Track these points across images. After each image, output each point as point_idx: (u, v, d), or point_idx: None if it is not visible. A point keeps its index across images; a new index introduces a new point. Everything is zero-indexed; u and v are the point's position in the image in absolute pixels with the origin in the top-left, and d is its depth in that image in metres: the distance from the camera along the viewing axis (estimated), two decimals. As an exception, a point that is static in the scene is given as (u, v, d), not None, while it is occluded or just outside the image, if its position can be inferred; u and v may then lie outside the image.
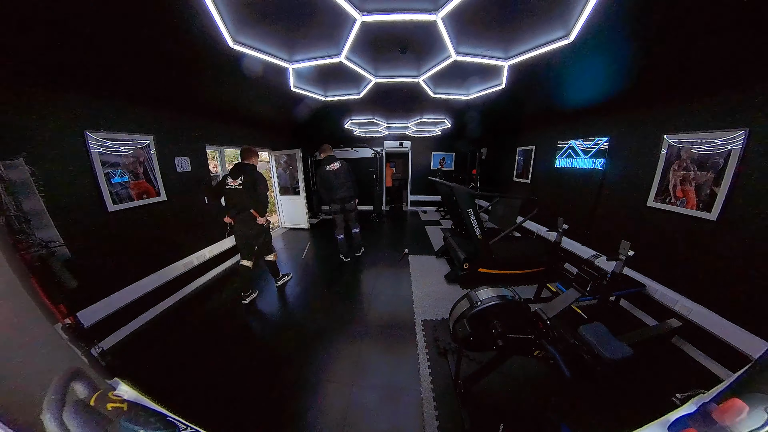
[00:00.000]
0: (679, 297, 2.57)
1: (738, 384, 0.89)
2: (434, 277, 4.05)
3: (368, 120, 5.27)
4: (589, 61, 2.17)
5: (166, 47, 1.83)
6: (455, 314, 1.97)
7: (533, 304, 3.16)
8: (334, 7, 1.51)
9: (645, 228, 2.96)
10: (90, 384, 0.79)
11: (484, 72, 2.55)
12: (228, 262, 4.58)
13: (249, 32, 1.78)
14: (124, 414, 0.80)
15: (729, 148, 2.22)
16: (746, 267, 2.12)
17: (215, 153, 4.91)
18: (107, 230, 2.67)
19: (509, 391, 2.12)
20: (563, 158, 4.40)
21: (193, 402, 2.06)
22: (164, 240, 3.32)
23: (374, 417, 1.95)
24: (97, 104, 2.57)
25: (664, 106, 2.79)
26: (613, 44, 1.84)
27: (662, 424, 0.92)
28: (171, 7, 1.41)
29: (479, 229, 3.58)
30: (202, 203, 3.97)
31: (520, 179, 5.88)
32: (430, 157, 8.68)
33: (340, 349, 2.61)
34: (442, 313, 3.09)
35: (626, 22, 1.56)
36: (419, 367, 2.36)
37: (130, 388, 0.97)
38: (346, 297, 3.56)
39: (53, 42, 1.64)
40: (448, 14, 1.59)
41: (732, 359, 2.15)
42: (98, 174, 2.57)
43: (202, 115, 3.89)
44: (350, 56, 2.20)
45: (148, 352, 2.60)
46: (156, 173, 3.19)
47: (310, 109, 3.86)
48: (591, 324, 1.99)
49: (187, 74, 2.41)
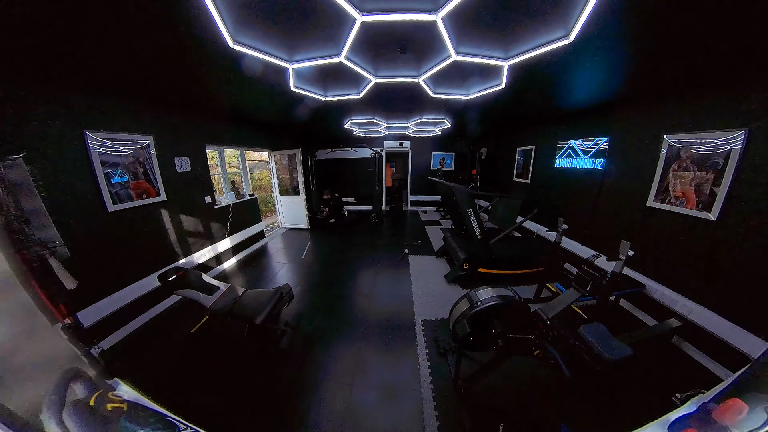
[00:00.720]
0: (679, 297, 2.57)
1: (738, 384, 0.89)
2: (434, 277, 4.05)
3: (368, 120, 5.27)
4: (589, 61, 2.17)
5: (165, 47, 1.83)
6: (455, 314, 1.97)
7: (533, 304, 3.16)
8: (334, 7, 1.51)
9: (645, 228, 2.96)
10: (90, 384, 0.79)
11: (484, 72, 2.55)
12: (228, 262, 4.59)
13: (249, 32, 1.78)
14: (124, 414, 0.80)
15: (729, 148, 2.22)
16: (746, 267, 2.13)
17: (215, 153, 4.92)
18: (107, 230, 2.67)
19: (509, 391, 2.12)
20: (563, 158, 4.40)
21: (194, 402, 2.06)
22: (164, 240, 3.32)
23: (374, 417, 1.95)
24: (97, 104, 2.57)
25: (664, 106, 2.79)
26: (613, 44, 1.84)
27: (662, 424, 0.92)
28: (171, 7, 1.41)
29: (479, 229, 3.58)
30: (201, 203, 3.98)
31: (520, 179, 5.88)
32: (430, 157, 8.69)
33: (340, 349, 2.61)
34: (442, 313, 3.09)
35: (626, 22, 1.56)
36: (419, 367, 2.36)
37: (130, 388, 0.97)
38: (346, 297, 3.56)
39: (53, 42, 1.64)
40: (448, 14, 1.59)
41: (732, 359, 2.15)
42: (98, 174, 2.57)
43: (202, 115, 3.89)
44: (350, 56, 2.19)
45: (148, 352, 2.60)
46: (156, 173, 3.19)
47: (310, 109, 3.86)
48: (591, 324, 1.98)
49: (186, 74, 2.41)
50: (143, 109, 3.02)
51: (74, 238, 2.33)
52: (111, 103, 2.69)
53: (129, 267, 2.88)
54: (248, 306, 2.48)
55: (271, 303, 2.49)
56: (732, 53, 1.83)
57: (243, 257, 5.00)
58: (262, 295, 2.61)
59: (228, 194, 5.04)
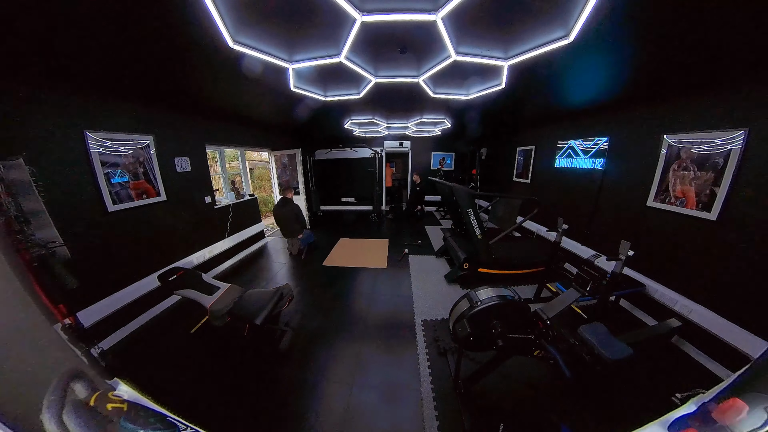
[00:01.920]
0: (679, 297, 2.57)
1: (738, 384, 0.89)
2: (434, 277, 4.05)
3: (368, 120, 5.27)
4: (589, 61, 2.17)
5: (166, 47, 1.83)
6: (455, 314, 1.97)
7: (533, 304, 3.16)
8: (334, 7, 1.51)
9: (645, 228, 2.96)
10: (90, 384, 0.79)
11: (484, 72, 2.55)
12: (228, 262, 4.58)
13: (249, 32, 1.78)
14: (124, 414, 0.80)
15: (729, 148, 2.22)
16: (746, 267, 2.13)
17: (215, 153, 4.92)
18: (107, 230, 2.67)
19: (509, 391, 2.12)
20: (563, 158, 4.40)
21: (194, 402, 2.05)
22: (164, 240, 3.32)
23: (374, 417, 1.95)
24: (97, 104, 2.57)
25: (664, 106, 2.79)
26: (613, 44, 1.84)
27: (662, 424, 0.92)
28: (171, 7, 1.41)
29: (479, 229, 3.58)
30: (201, 203, 3.98)
31: (520, 179, 5.88)
32: (430, 157, 8.68)
33: (340, 348, 2.61)
34: (442, 313, 3.08)
35: (626, 22, 1.56)
36: (419, 367, 2.36)
37: (130, 388, 0.97)
38: (346, 297, 3.56)
39: (53, 42, 1.64)
40: (448, 14, 1.59)
41: (732, 359, 2.15)
42: (98, 174, 2.57)
43: (202, 115, 3.89)
44: (350, 56, 2.19)
45: (148, 352, 2.59)
46: (156, 173, 3.19)
47: (310, 109, 3.86)
48: (591, 324, 1.99)
49: (187, 74, 2.41)
50: (143, 109, 3.02)
51: (74, 238, 2.33)
52: (111, 103, 2.69)
53: (129, 267, 2.88)
54: (248, 306, 2.47)
55: (271, 303, 2.49)
56: (732, 53, 1.83)
57: (243, 257, 4.99)
58: (262, 295, 2.61)
59: (228, 194, 5.04)
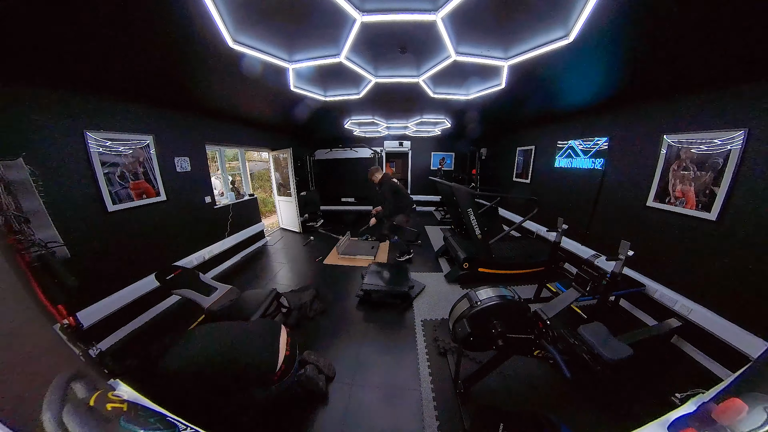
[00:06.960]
0: (679, 297, 2.57)
1: (738, 384, 0.89)
2: (434, 277, 4.05)
3: (368, 120, 5.27)
4: (589, 61, 2.17)
5: (166, 47, 1.83)
6: (455, 314, 1.97)
7: (533, 304, 3.16)
8: (334, 7, 1.51)
9: (645, 228, 2.96)
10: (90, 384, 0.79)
11: (484, 72, 2.55)
12: (228, 262, 4.58)
13: (249, 32, 1.78)
14: (123, 414, 0.80)
15: (729, 148, 2.22)
16: (746, 267, 2.13)
17: (215, 153, 4.92)
18: (107, 230, 2.67)
19: (509, 391, 2.12)
20: (563, 158, 4.39)
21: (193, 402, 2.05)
22: (164, 240, 3.32)
23: (374, 417, 1.95)
24: (97, 104, 2.57)
25: (664, 107, 2.79)
26: (613, 44, 1.84)
27: (662, 424, 0.92)
28: (170, 7, 1.41)
29: (479, 228, 3.58)
30: (201, 203, 3.97)
31: (520, 179, 5.88)
32: (430, 157, 8.68)
33: (340, 348, 2.61)
34: (442, 313, 3.08)
35: (626, 22, 1.56)
36: (419, 367, 2.36)
37: (130, 388, 0.97)
38: (346, 297, 3.56)
39: (53, 42, 1.64)
40: (448, 14, 1.59)
41: (732, 359, 2.15)
42: (98, 174, 2.57)
43: (202, 115, 3.89)
44: (350, 56, 2.19)
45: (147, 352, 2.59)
46: (156, 173, 3.19)
47: (309, 108, 3.86)
48: (591, 324, 1.99)
49: (186, 74, 2.41)
50: (143, 109, 3.02)
51: (74, 238, 2.33)
52: (111, 103, 2.69)
53: (129, 267, 2.88)
54: (245, 306, 2.48)
55: (266, 303, 2.51)
56: (732, 53, 1.83)
57: (243, 257, 4.99)
58: (257, 296, 2.62)
59: (228, 194, 5.04)
